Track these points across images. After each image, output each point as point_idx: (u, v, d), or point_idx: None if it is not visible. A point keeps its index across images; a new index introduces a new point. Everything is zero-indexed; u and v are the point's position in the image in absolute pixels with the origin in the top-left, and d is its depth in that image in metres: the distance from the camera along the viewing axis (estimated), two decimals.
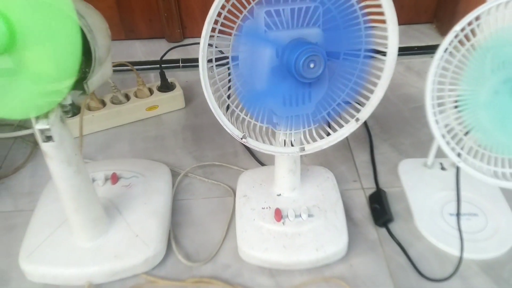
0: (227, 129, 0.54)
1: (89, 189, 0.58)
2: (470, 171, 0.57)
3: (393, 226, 0.69)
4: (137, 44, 1.21)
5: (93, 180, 0.71)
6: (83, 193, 0.57)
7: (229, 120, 0.55)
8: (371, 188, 0.77)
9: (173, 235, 0.68)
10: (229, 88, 0.56)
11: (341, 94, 0.60)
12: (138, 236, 0.63)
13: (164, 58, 1.05)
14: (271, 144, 0.58)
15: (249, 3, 0.52)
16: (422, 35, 1.18)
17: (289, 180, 0.67)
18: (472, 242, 0.65)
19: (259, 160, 0.83)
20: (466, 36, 0.54)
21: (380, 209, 0.71)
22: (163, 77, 0.95)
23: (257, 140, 0.57)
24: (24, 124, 0.90)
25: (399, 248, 0.66)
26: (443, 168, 0.76)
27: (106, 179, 0.72)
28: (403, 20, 1.18)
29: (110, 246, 0.62)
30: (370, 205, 0.73)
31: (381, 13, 0.55)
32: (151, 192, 0.70)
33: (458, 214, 0.65)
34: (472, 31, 0.54)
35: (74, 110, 0.87)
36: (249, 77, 0.56)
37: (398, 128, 0.90)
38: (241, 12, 0.53)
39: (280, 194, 0.69)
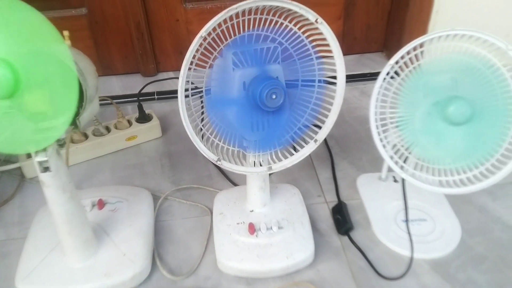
0: (204, 154, 0.62)
1: (81, 213, 0.64)
2: (414, 182, 0.67)
3: (353, 234, 0.78)
4: (114, 80, 1.29)
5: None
6: (75, 217, 0.63)
7: (205, 146, 0.63)
8: (333, 201, 0.86)
9: (157, 253, 0.74)
10: (203, 117, 0.64)
11: (300, 119, 0.69)
12: (125, 255, 0.69)
13: (141, 92, 1.13)
14: (242, 165, 0.67)
15: (219, 45, 0.62)
16: (374, 62, 1.32)
17: (260, 197, 0.76)
18: (422, 244, 0.75)
19: (232, 181, 0.91)
20: (401, 67, 0.65)
21: (342, 219, 0.79)
22: (141, 109, 1.02)
23: (230, 162, 0.65)
24: (10, 158, 0.95)
25: (360, 253, 0.74)
26: (395, 181, 0.86)
27: (93, 205, 0.78)
28: (356, 50, 1.32)
29: (100, 265, 0.67)
30: (333, 216, 0.82)
31: (330, 51, 0.66)
32: (135, 215, 0.77)
33: (407, 220, 0.75)
34: (405, 63, 0.64)
35: (59, 143, 0.93)
36: (221, 108, 0.64)
37: (355, 147, 1.00)
38: (212, 53, 0.62)
39: (252, 210, 0.77)
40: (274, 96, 0.60)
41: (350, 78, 1.22)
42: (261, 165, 0.68)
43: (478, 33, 0.61)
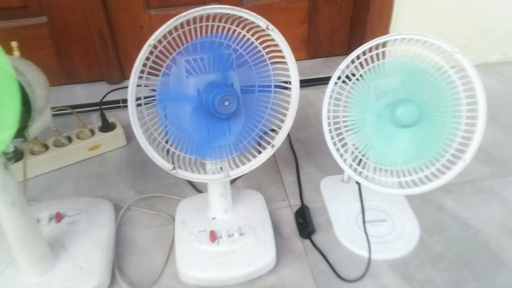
0: (157, 163, 0.62)
1: (34, 229, 0.63)
2: (368, 185, 0.68)
3: (316, 237, 0.79)
4: (78, 88, 1.27)
5: (38, 220, 0.75)
6: (27, 233, 0.62)
7: (160, 155, 0.63)
8: (297, 205, 0.86)
9: (117, 265, 0.73)
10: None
11: (258, 125, 0.70)
12: (83, 269, 0.68)
13: (105, 100, 1.11)
14: (199, 173, 0.66)
15: (171, 53, 0.62)
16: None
17: (221, 204, 0.75)
18: (382, 245, 0.76)
19: (197, 188, 0.90)
20: (354, 70, 0.66)
21: (304, 222, 0.80)
22: (103, 118, 1.01)
23: (187, 170, 0.65)
24: None
25: (321, 256, 0.75)
26: (357, 182, 0.88)
27: (51, 219, 0.76)
28: (322, 54, 1.33)
29: (57, 280, 0.66)
30: (296, 220, 0.82)
31: (283, 57, 0.66)
32: (94, 227, 0.76)
33: (364, 222, 0.76)
34: (356, 67, 0.66)
35: (17, 155, 0.91)
36: (176, 115, 0.64)
37: (320, 150, 1.01)
38: (164, 61, 0.62)
39: (214, 217, 0.77)
40: (227, 103, 0.60)
41: (316, 82, 1.24)
42: (221, 171, 0.68)
43: (424, 36, 0.62)
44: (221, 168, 0.69)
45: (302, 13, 1.27)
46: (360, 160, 0.68)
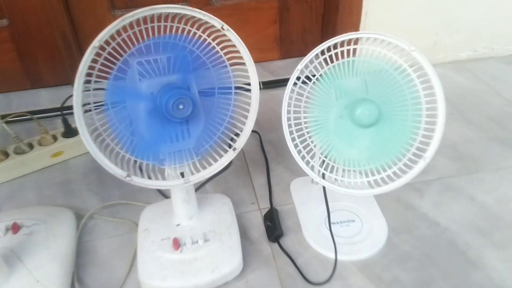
0: (109, 170, 0.59)
1: None
2: (331, 187, 0.67)
3: (284, 240, 0.77)
4: (43, 93, 1.23)
5: None
6: None
7: (113, 161, 0.60)
8: (267, 208, 0.85)
9: (77, 277, 0.71)
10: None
11: (219, 128, 0.68)
12: (39, 282, 0.65)
13: (68, 104, 1.08)
14: (158, 179, 0.64)
15: (122, 56, 0.60)
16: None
17: (185, 210, 0.73)
18: (350, 245, 0.75)
19: (164, 194, 0.88)
20: (315, 67, 0.65)
21: (272, 226, 0.78)
22: (66, 123, 0.98)
23: (143, 177, 0.63)
24: None
25: (289, 259, 0.74)
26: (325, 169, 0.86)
27: (7, 230, 0.73)
28: (294, 53, 1.32)
29: None
30: (264, 223, 0.81)
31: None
32: (53, 237, 0.73)
33: (329, 224, 0.74)
34: (315, 67, 0.64)
35: None
36: (133, 120, 0.62)
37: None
38: (115, 64, 0.60)
39: (179, 224, 0.75)
40: (181, 106, 0.58)
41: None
42: (183, 177, 0.66)
43: (381, 35, 0.61)
44: (181, 173, 0.67)
45: (273, 13, 1.26)
46: (327, 162, 0.67)
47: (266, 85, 1.17)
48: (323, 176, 0.67)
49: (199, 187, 0.89)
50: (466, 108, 1.09)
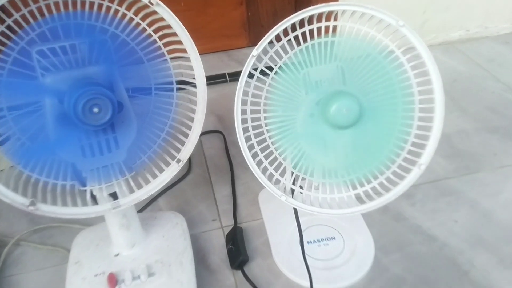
0: (4, 199, 0.44)
1: None
2: (301, 206, 0.53)
3: (251, 266, 0.64)
4: None
5: None
6: None
7: (8, 186, 0.45)
8: (231, 225, 0.71)
9: None
10: None
11: (160, 134, 0.53)
12: None
13: None
14: (75, 205, 0.49)
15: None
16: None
17: (123, 237, 0.59)
18: (329, 271, 0.61)
19: None
20: (277, 52, 0.50)
21: (235, 249, 0.64)
22: None
23: (55, 204, 0.48)
24: None
25: None
26: (301, 193, 0.73)
27: None
28: None
29: None
30: (227, 246, 0.67)
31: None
32: None
33: (302, 252, 0.60)
34: (277, 53, 0.50)
35: None
36: (36, 130, 0.47)
37: None
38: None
39: (118, 254, 0.60)
40: (96, 109, 0.43)
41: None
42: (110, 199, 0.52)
43: (360, 7, 0.47)
44: (110, 195, 0.52)
45: None
46: (295, 174, 0.52)
47: (233, 77, 1.02)
48: (292, 192, 0.53)
49: (149, 202, 0.74)
50: (461, 96, 0.96)
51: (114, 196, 0.52)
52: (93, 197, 0.51)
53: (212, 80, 1.02)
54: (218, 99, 0.97)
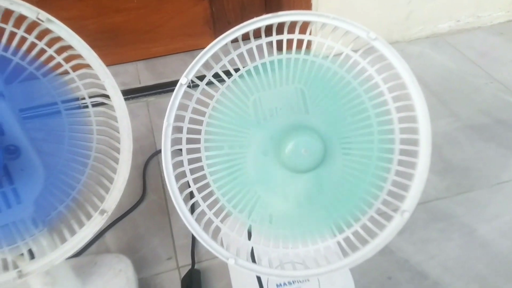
0: None
1: None
2: (261, 271, 0.42)
3: None
4: None
5: None
6: None
7: None
8: (188, 265, 0.61)
9: None
10: None
11: (80, 178, 0.43)
12: None
13: None
14: None
15: None
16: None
17: None
18: None
19: None
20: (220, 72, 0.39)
21: None
22: None
23: None
24: None
25: None
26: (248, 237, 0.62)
27: None
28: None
29: None
30: None
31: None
32: None
33: None
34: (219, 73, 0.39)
35: None
36: None
37: None
38: None
39: None
40: None
41: (228, 76, 0.96)
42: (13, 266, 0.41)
43: (321, 16, 0.36)
44: (15, 260, 0.41)
45: None
46: (249, 224, 0.42)
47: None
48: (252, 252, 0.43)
49: (95, 238, 0.64)
50: (451, 98, 0.86)
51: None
52: None
53: (173, 86, 0.90)
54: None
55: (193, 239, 0.64)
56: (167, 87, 0.91)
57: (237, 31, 0.38)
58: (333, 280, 0.56)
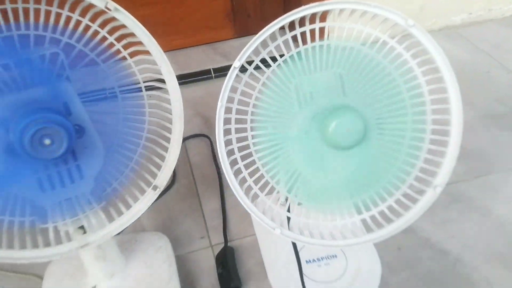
0: None
1: None
2: (299, 239, 0.46)
3: None
4: None
5: None
6: None
7: None
8: (221, 243, 0.64)
9: None
10: None
11: (132, 156, 0.46)
12: None
13: None
14: (36, 246, 0.42)
15: None
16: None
17: (100, 268, 0.52)
18: None
19: None
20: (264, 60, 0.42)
21: (225, 274, 0.58)
22: None
23: (10, 247, 0.41)
24: None
25: None
26: (299, 204, 0.66)
27: None
28: (253, 30, 1.06)
29: None
30: (217, 269, 0.60)
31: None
32: None
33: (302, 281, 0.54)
34: (264, 61, 0.42)
35: None
36: None
37: None
38: None
39: (95, 286, 0.54)
40: (47, 141, 0.36)
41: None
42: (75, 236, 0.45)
43: (361, 4, 0.39)
44: (81, 227, 0.45)
45: None
46: (290, 199, 0.46)
47: (219, 73, 0.94)
48: (288, 221, 0.46)
49: None
50: (467, 88, 0.87)
51: (83, 228, 0.46)
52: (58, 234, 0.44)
53: (196, 77, 0.94)
54: (203, 97, 0.89)
55: (224, 219, 0.68)
56: (193, 77, 0.94)
57: (285, 19, 0.41)
58: (359, 256, 0.59)
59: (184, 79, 0.94)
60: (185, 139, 0.81)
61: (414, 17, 0.41)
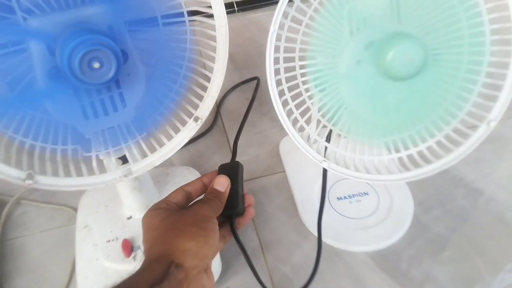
0: None
1: None
2: (344, 172, 0.45)
3: (275, 224, 0.58)
4: None
5: None
6: None
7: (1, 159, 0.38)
8: (248, 179, 0.64)
9: None
10: None
11: (172, 86, 0.44)
12: None
13: None
14: (80, 174, 0.42)
15: None
16: None
17: (136, 199, 0.53)
18: (363, 231, 0.56)
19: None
20: None
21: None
22: None
23: (56, 174, 0.41)
24: None
25: (283, 254, 0.55)
26: (328, 141, 0.65)
27: None
28: None
29: None
30: None
31: None
32: None
33: (319, 221, 0.54)
34: None
35: None
36: (25, 86, 0.38)
37: None
38: None
39: (130, 217, 0.54)
40: (96, 64, 0.34)
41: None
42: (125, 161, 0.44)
43: None
44: (120, 158, 0.44)
45: None
46: (336, 131, 0.45)
47: (242, 6, 0.89)
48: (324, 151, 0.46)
49: None
50: None
51: (123, 159, 0.45)
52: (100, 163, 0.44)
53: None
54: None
55: (236, 141, 0.61)
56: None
57: None
58: (391, 194, 0.59)
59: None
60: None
61: None
